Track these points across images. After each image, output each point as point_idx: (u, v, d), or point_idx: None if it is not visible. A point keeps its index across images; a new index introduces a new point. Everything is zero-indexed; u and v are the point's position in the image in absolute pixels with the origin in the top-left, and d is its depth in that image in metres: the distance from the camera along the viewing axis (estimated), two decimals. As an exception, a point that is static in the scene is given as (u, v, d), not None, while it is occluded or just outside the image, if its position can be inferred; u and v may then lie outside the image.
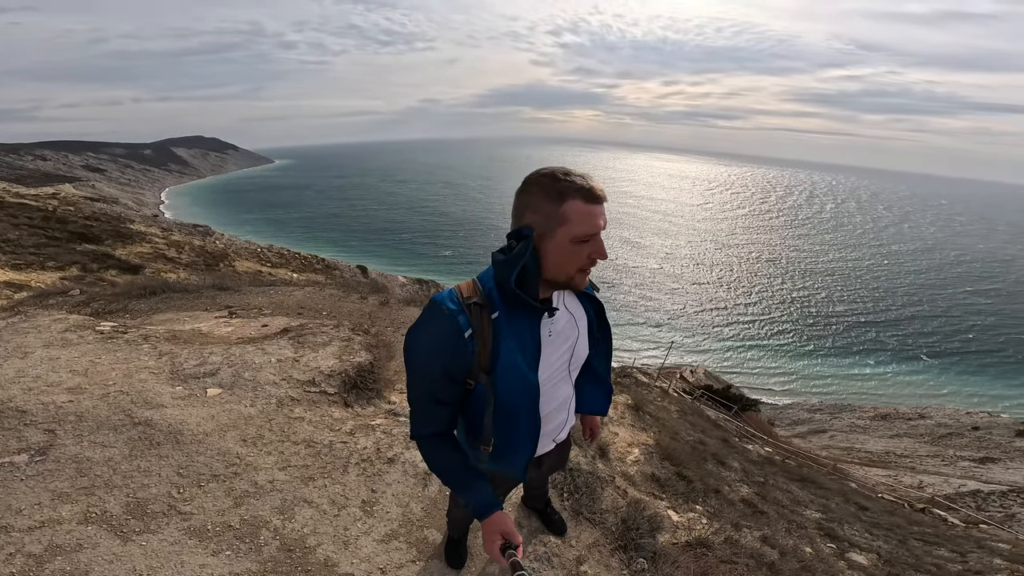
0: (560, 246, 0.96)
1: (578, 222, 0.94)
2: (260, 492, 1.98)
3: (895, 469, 14.38)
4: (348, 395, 3.13)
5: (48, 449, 1.91)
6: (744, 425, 12.33)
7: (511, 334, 1.02)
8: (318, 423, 2.61)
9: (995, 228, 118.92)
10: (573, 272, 1.00)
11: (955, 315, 48.22)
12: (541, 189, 0.95)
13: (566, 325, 1.15)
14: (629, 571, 2.13)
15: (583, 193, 0.93)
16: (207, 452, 2.10)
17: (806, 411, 25.42)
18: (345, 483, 2.18)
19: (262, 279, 9.24)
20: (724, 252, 72.37)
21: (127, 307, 4.85)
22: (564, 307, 1.14)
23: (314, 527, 1.89)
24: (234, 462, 2.09)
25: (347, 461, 2.33)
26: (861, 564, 3.62)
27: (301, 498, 2.00)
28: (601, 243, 0.98)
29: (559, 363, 1.15)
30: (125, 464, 1.94)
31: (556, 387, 1.18)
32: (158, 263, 18.09)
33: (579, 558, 2.12)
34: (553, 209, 0.94)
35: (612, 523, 2.39)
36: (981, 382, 35.09)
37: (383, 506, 2.11)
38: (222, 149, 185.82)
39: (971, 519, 8.91)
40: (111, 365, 2.65)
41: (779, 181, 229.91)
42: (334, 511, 2.00)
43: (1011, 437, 18.84)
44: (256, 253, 29.18)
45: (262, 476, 2.06)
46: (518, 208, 0.99)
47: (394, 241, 69.03)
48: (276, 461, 2.18)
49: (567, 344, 1.15)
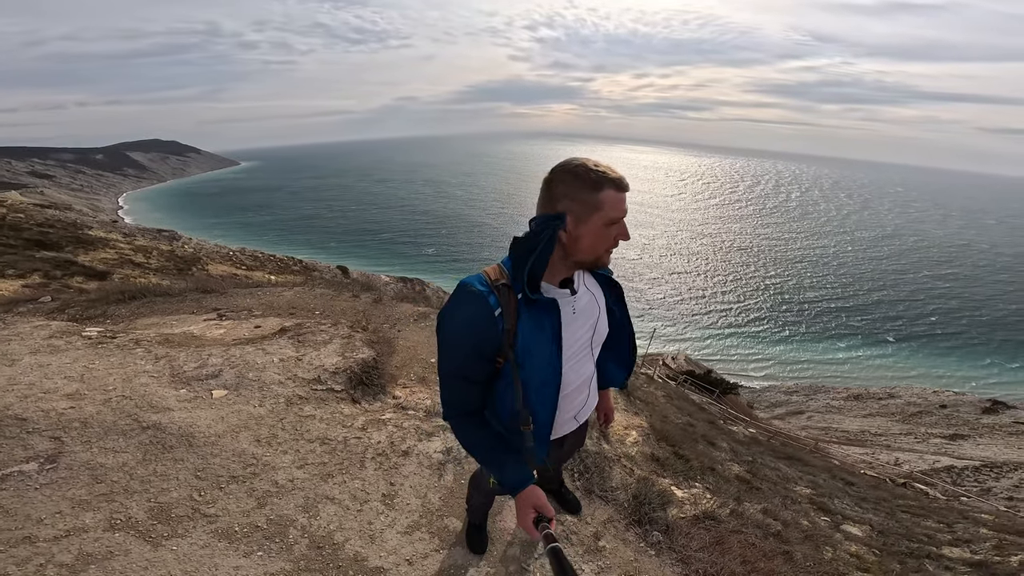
0: (595, 229, 1.05)
1: (611, 208, 1.03)
2: (282, 491, 1.97)
3: (872, 447, 14.96)
4: (355, 391, 3.12)
5: (57, 457, 1.85)
6: (727, 408, 12.66)
7: (534, 314, 1.08)
8: (329, 420, 2.60)
9: (949, 214, 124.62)
10: (602, 252, 1.10)
11: (918, 299, 50.63)
12: (577, 179, 1.03)
13: (588, 303, 1.21)
14: (646, 543, 2.21)
15: (615, 183, 1.03)
16: (222, 454, 2.07)
17: (783, 393, 26.23)
18: (364, 478, 2.19)
19: (243, 282, 9.00)
20: (699, 241, 74.14)
21: (107, 312, 4.69)
22: (585, 287, 1.21)
23: (339, 523, 1.90)
24: (251, 462, 2.07)
25: (363, 456, 2.34)
26: (856, 535, 3.82)
27: (323, 495, 2.00)
28: (625, 226, 1.10)
29: (583, 340, 1.21)
30: (141, 469, 1.90)
31: (580, 364, 1.23)
32: (125, 268, 17.33)
33: (596, 534, 2.19)
34: (590, 196, 1.03)
35: (624, 499, 2.47)
36: (946, 363, 36.94)
37: (403, 498, 2.13)
38: (183, 152, 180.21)
39: (951, 492, 9.30)
40: (107, 370, 2.56)
41: (746, 171, 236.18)
42: (356, 506, 2.01)
43: (978, 414, 19.88)
44: (229, 256, 28.25)
45: (281, 475, 2.05)
46: (552, 195, 1.06)
47: (374, 241, 67.99)
48: (293, 460, 2.17)
49: (590, 321, 1.22)
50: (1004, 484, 10.92)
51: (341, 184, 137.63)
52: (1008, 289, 55.01)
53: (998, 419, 19.52)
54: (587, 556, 2.03)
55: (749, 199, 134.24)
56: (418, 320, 5.33)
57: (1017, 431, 18.00)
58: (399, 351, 4.14)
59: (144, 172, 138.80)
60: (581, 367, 1.24)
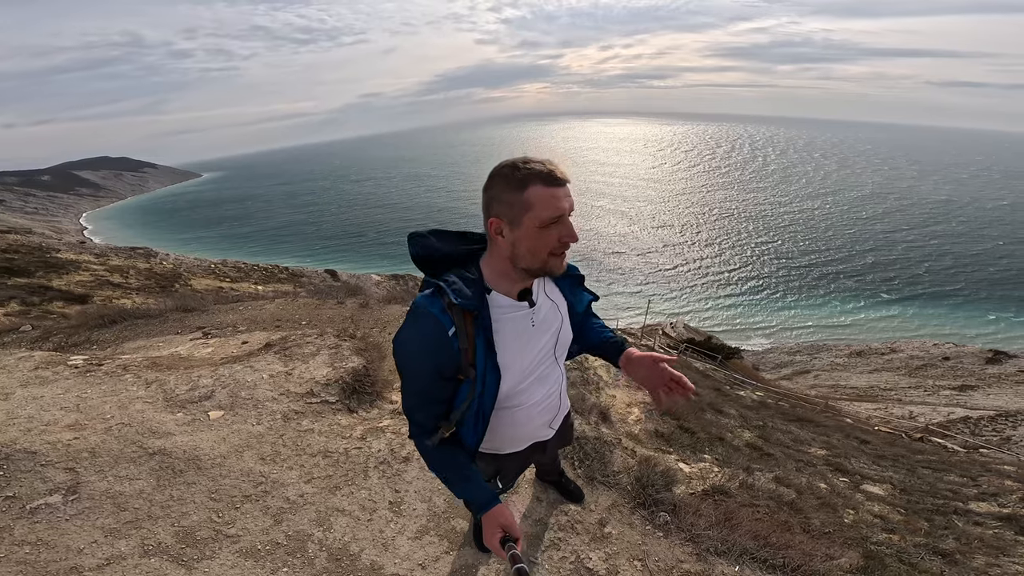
0: (529, 233, 0.97)
1: (541, 207, 0.94)
2: (294, 507, 1.99)
3: (883, 402, 14.95)
4: (350, 401, 3.11)
5: (77, 487, 1.89)
6: (732, 373, 12.63)
7: (492, 328, 1.06)
8: (328, 432, 2.59)
9: (924, 170, 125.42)
10: (546, 257, 1.01)
11: (910, 257, 51.20)
12: (503, 180, 0.97)
13: (549, 312, 1.17)
14: (653, 525, 2.23)
15: (543, 178, 0.94)
16: (231, 474, 2.09)
17: (786, 354, 26.35)
18: (369, 487, 2.20)
19: (226, 295, 8.86)
20: (688, 211, 74.42)
21: (90, 338, 4.61)
22: (544, 295, 1.17)
23: (353, 534, 1.93)
24: (260, 481, 2.09)
25: (366, 466, 2.35)
26: (878, 495, 3.78)
27: (333, 507, 2.03)
28: (570, 225, 0.99)
29: (545, 349, 1.19)
30: (158, 495, 1.94)
31: (545, 373, 1.22)
32: (105, 290, 16.96)
33: (601, 521, 2.21)
34: (516, 198, 0.95)
35: (627, 483, 2.48)
36: (942, 315, 37.69)
37: (409, 504, 2.15)
38: (137, 168, 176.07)
39: (969, 444, 9.24)
40: (101, 399, 2.54)
41: (720, 137, 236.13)
42: (367, 516, 2.03)
43: (982, 365, 20.01)
44: (211, 269, 27.72)
45: (291, 491, 2.07)
46: (485, 202, 1.01)
47: (359, 242, 66.92)
48: (300, 475, 2.18)
49: (551, 330, 1.19)
50: (1022, 432, 10.79)
51: (318, 187, 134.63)
52: (998, 244, 55.87)
53: (1003, 368, 19.64)
54: (593, 544, 2.06)
55: (728, 165, 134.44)
56: (408, 320, 5.31)
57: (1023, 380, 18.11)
58: (390, 356, 4.11)
59: (99, 191, 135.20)
60: (546, 376, 1.23)
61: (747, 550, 2.10)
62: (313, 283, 21.91)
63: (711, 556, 2.07)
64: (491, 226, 1.01)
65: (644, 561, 1.99)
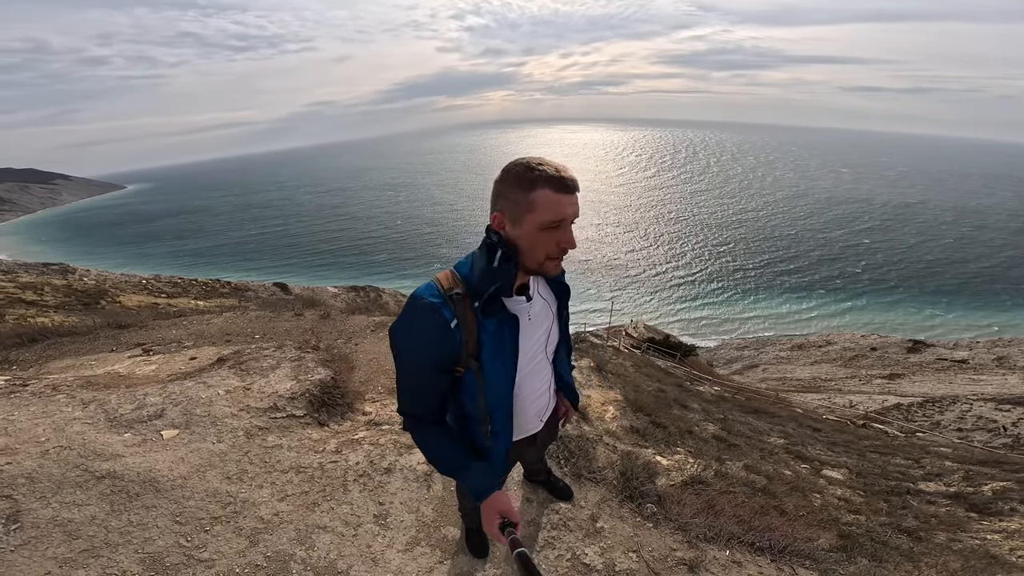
0: (528, 233, 0.99)
1: (545, 210, 0.96)
2: (270, 527, 1.83)
3: (826, 392, 15.79)
4: (320, 414, 2.94)
5: (17, 515, 1.67)
6: (691, 370, 13.02)
7: (493, 321, 1.06)
8: (299, 447, 2.43)
9: (855, 171, 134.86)
10: (542, 259, 1.03)
11: (845, 256, 55.08)
12: (514, 178, 0.98)
13: (542, 309, 1.20)
14: (642, 517, 2.26)
15: (552, 182, 0.95)
16: (195, 496, 1.90)
17: (735, 349, 27.68)
18: (351, 502, 2.07)
19: (165, 312, 8.16)
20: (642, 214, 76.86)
21: (8, 358, 4.13)
22: (538, 294, 1.19)
23: (339, 551, 1.80)
24: (228, 501, 1.91)
25: (344, 479, 2.21)
26: (838, 479, 4.01)
27: (314, 524, 1.89)
28: (570, 231, 1.01)
29: (538, 345, 1.22)
30: (113, 520, 1.73)
31: (538, 368, 1.25)
32: (18, 308, 15.09)
33: (592, 516, 2.21)
34: (523, 197, 0.96)
35: (612, 478, 2.51)
36: (870, 307, 40.97)
37: (396, 516, 2.05)
38: (47, 180, 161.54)
39: (906, 429, 9.86)
40: (31, 421, 2.24)
41: (667, 141, 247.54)
42: (351, 531, 1.90)
43: (904, 354, 21.64)
44: (143, 285, 25.41)
45: (264, 510, 1.90)
46: (494, 196, 1.03)
47: (311, 254, 63.52)
48: (271, 493, 2.01)
49: (543, 327, 1.22)
50: (949, 417, 11.58)
51: (263, 199, 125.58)
52: (920, 240, 61.41)
53: (923, 357, 21.23)
54: (588, 540, 2.05)
55: (675, 167, 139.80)
56: (376, 330, 5.12)
57: (942, 367, 19.86)
58: (360, 366, 3.95)
59: (3, 204, 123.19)
60: (539, 371, 1.26)
61: (734, 535, 2.16)
62: (260, 297, 20.65)
63: (701, 543, 2.11)
64: (494, 220, 1.02)
65: (639, 552, 1.99)
